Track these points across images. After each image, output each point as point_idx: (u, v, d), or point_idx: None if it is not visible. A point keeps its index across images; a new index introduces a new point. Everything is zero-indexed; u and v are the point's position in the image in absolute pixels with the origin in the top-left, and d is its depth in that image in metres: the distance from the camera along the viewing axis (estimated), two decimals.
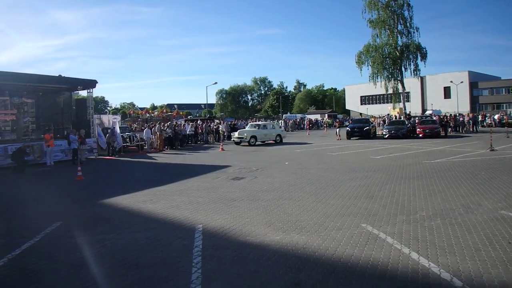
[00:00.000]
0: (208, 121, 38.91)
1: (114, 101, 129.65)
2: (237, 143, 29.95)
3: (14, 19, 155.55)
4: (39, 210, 9.88)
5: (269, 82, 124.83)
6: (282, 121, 57.74)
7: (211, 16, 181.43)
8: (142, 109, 56.07)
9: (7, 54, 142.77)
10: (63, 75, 23.79)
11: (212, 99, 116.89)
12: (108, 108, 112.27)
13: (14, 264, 5.89)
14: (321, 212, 8.35)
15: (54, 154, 20.53)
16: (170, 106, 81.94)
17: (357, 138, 32.13)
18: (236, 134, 30.56)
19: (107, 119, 31.46)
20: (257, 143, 29.74)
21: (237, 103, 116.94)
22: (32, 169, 18.58)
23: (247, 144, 29.29)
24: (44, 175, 17.15)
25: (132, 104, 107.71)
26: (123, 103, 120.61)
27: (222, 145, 27.45)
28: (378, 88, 46.85)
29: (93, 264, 5.79)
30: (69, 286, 5.03)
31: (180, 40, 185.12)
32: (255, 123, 35.68)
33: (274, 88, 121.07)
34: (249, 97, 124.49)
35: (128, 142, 27.80)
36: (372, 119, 45.76)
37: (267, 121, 54.19)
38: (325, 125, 59.70)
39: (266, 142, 30.48)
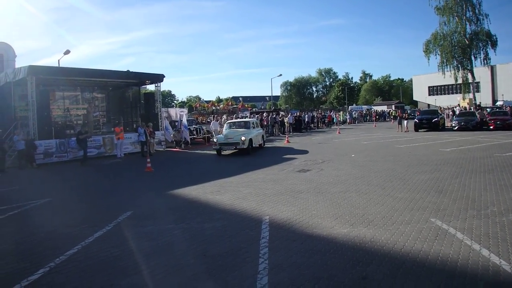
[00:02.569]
0: (274, 113, 38.86)
1: (181, 95, 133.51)
2: (220, 150, 19.82)
3: (82, 18, 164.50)
4: (110, 200, 10.37)
5: (334, 73, 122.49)
6: (348, 113, 56.56)
7: (272, 8, 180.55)
8: (208, 102, 57.30)
9: (77, 52, 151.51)
10: (130, 70, 24.80)
11: (277, 91, 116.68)
12: (175, 101, 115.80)
13: (87, 251, 6.20)
14: (389, 205, 8.12)
15: (124, 147, 21.49)
16: (235, 98, 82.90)
17: (425, 130, 30.74)
18: (221, 135, 20.59)
19: (174, 112, 32.40)
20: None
21: (302, 95, 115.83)
22: (103, 161, 19.62)
23: (232, 149, 20.13)
24: (114, 166, 17.97)
25: (198, 97, 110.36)
26: (189, 96, 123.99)
27: (287, 137, 27.34)
28: (447, 78, 44.55)
29: (162, 252, 5.96)
30: (140, 273, 5.19)
31: (243, 33, 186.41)
32: (236, 120, 25.64)
33: (339, 79, 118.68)
34: (314, 89, 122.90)
35: (194, 135, 28.46)
36: (441, 110, 43.60)
37: (304, 114, 43.30)
38: (391, 117, 57.60)
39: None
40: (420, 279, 4.62)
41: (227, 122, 24.32)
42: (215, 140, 20.19)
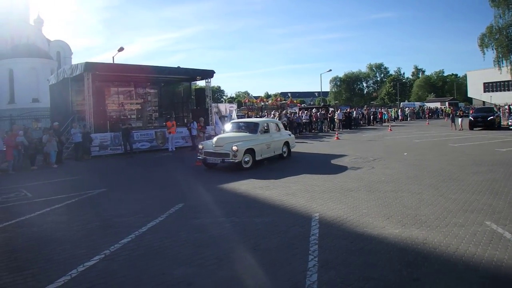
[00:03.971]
0: (323, 109, 38.43)
1: (229, 90, 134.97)
2: (209, 163, 14.46)
3: (134, 17, 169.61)
4: (162, 192, 10.61)
5: (385, 68, 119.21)
6: (400, 110, 54.91)
7: (322, 2, 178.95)
8: (256, 97, 57.54)
9: (129, 49, 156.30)
10: (181, 67, 25.24)
11: (326, 87, 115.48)
12: (224, 97, 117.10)
13: (140, 240, 6.40)
14: (442, 206, 7.84)
15: (175, 141, 21.91)
16: (284, 94, 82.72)
17: (480, 128, 29.39)
18: (209, 142, 15.09)
19: (224, 108, 32.77)
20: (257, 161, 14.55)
21: (351, 91, 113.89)
22: (155, 154, 20.15)
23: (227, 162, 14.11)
24: (166, 160, 18.36)
25: (246, 93, 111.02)
26: (238, 92, 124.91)
27: (337, 134, 26.99)
28: (504, 74, 42.68)
29: (213, 244, 6.04)
30: (191, 263, 5.30)
31: (291, 28, 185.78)
32: (242, 120, 19.75)
33: (390, 75, 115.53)
34: (364, 85, 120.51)
35: None
36: (496, 108, 41.50)
37: (353, 110, 41.07)
38: (445, 114, 55.13)
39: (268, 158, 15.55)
40: (473, 283, 4.50)
41: (231, 122, 18.81)
42: (200, 146, 14.84)
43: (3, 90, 50.28)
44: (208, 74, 26.46)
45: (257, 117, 34.63)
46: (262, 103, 43.77)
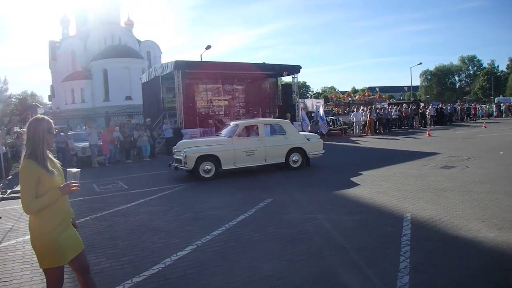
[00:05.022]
0: (414, 104, 36.82)
1: (315, 86, 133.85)
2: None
3: (219, 15, 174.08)
4: (251, 186, 10.89)
5: (478, 61, 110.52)
6: (494, 105, 50.90)
7: None
8: (343, 93, 56.52)
9: (216, 46, 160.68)
10: (266, 63, 25.48)
11: (416, 81, 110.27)
12: (310, 92, 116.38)
13: (231, 233, 6.58)
14: None
15: None
16: (371, 89, 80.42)
17: None
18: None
19: (311, 103, 32.61)
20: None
21: (443, 85, 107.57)
22: None
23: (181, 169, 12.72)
24: None
25: (333, 88, 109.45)
26: (324, 87, 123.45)
27: (429, 130, 25.76)
28: None
29: (302, 240, 6.04)
30: (280, 258, 5.33)
31: (377, 20, 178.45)
32: (243, 121, 14.75)
33: (484, 68, 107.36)
34: (456, 78, 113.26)
35: (331, 126, 28.31)
36: None
37: (445, 106, 38.00)
38: None
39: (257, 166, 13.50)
40: None
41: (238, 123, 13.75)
42: (174, 149, 13.31)
43: (98, 89, 54.25)
44: (294, 69, 26.50)
45: (345, 113, 34.23)
46: (349, 98, 42.87)
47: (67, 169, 3.41)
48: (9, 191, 11.98)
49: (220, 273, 4.96)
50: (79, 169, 3.49)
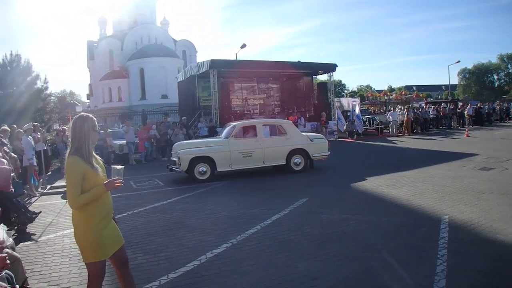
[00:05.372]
0: (452, 103, 35.85)
1: (350, 84, 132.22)
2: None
3: (254, 14, 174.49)
4: (286, 185, 10.90)
5: None
6: None
7: None
8: (379, 91, 55.62)
9: (249, 45, 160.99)
10: (301, 61, 25.39)
11: (454, 80, 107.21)
12: (346, 91, 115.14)
13: (266, 231, 6.61)
14: None
15: None
16: (408, 87, 78.96)
17: None
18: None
19: (347, 102, 32.30)
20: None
21: (481, 84, 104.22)
22: None
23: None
24: None
25: (368, 87, 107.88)
26: (360, 85, 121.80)
27: (467, 131, 25.05)
28: None
29: (337, 241, 6.00)
30: (315, 258, 5.32)
31: (412, 17, 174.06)
32: (241, 122, 14.55)
33: None
34: (495, 77, 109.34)
35: (367, 125, 27.96)
36: None
37: (484, 105, 36.32)
38: None
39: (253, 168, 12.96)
40: None
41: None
42: (172, 152, 13.23)
43: (135, 88, 55.34)
44: (330, 67, 26.33)
45: (381, 112, 33.68)
46: (386, 97, 42.15)
47: (112, 165, 3.51)
48: (48, 186, 12.42)
49: (255, 271, 4.99)
50: (123, 166, 3.60)
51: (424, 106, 34.26)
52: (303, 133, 14.11)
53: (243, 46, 31.23)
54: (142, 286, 4.63)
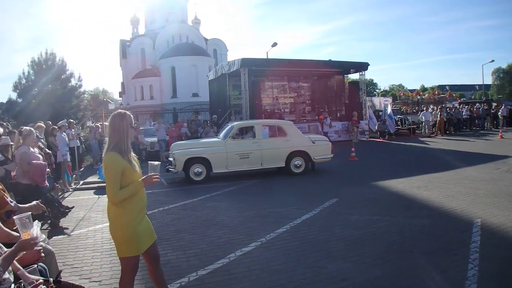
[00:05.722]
0: (485, 104, 34.86)
1: (382, 83, 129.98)
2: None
3: (285, 12, 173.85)
4: (316, 185, 10.82)
5: None
6: None
7: None
8: (411, 91, 54.63)
9: (280, 43, 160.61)
10: (332, 60, 25.23)
11: (488, 79, 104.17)
12: (377, 90, 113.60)
13: (295, 231, 6.61)
14: None
15: (329, 135, 22.01)
16: (441, 87, 77.21)
17: None
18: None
19: (379, 102, 31.92)
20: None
21: None
22: None
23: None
24: None
25: (401, 86, 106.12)
26: (392, 84, 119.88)
27: (501, 132, 24.34)
28: None
29: (367, 242, 5.96)
30: (345, 259, 5.29)
31: (445, 16, 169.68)
32: (239, 122, 14.91)
33: None
34: None
35: (399, 125, 27.54)
36: None
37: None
38: None
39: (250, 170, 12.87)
40: None
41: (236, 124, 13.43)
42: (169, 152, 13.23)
43: (166, 86, 56.00)
44: (362, 66, 26.06)
45: (413, 112, 33.07)
46: (418, 97, 41.37)
47: (149, 161, 3.61)
48: (81, 182, 12.73)
49: (284, 270, 4.99)
50: (160, 162, 3.70)
51: (458, 106, 33.53)
52: (306, 135, 13.88)
53: (274, 44, 31.20)
54: (171, 282, 4.71)
